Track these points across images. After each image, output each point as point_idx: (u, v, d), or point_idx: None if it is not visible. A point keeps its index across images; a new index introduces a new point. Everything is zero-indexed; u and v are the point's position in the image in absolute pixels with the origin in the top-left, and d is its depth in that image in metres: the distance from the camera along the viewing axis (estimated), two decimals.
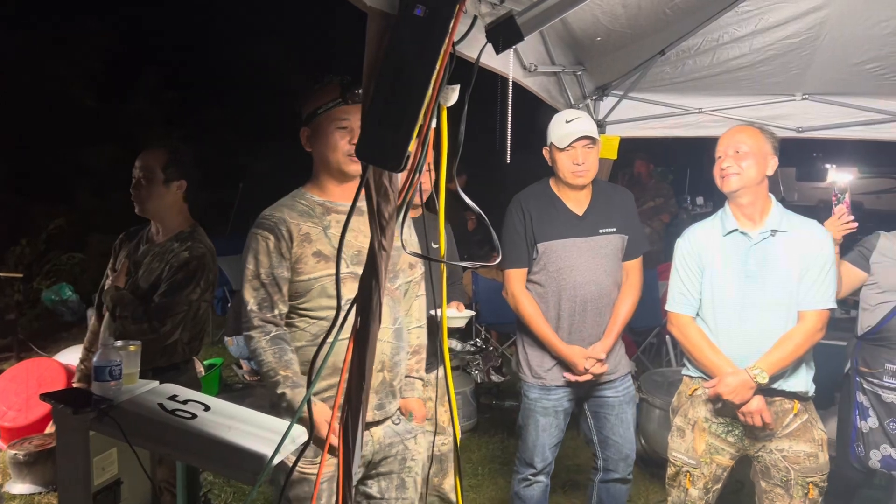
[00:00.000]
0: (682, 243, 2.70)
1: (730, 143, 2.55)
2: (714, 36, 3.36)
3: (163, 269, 2.72)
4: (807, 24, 3.17)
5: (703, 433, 2.60)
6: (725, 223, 2.60)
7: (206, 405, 1.81)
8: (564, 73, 3.40)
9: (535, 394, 2.93)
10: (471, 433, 4.69)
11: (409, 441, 2.26)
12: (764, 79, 3.69)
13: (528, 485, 3.00)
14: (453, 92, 1.47)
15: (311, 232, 2.10)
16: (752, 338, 2.51)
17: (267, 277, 2.07)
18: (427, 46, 1.32)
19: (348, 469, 1.55)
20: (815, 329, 2.49)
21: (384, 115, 1.35)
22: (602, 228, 2.87)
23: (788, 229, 2.53)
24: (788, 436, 2.54)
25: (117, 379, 1.80)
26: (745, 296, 2.52)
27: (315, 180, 2.21)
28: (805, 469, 2.52)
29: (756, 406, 2.46)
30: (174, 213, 2.82)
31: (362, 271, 1.53)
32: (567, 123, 2.79)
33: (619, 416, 2.96)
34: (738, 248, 2.56)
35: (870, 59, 3.37)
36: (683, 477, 2.63)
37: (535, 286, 2.89)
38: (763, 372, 2.43)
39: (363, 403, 1.55)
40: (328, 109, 2.10)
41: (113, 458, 1.81)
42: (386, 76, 1.34)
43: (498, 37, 1.42)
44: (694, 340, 2.60)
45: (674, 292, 2.68)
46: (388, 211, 1.47)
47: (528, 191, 2.96)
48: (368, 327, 1.51)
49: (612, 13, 2.67)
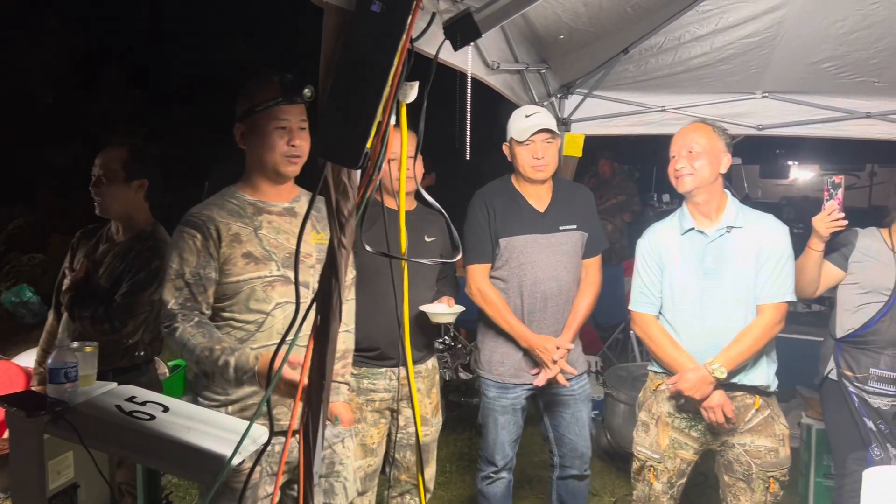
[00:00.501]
0: (642, 243, 2.73)
1: (683, 143, 2.57)
2: (676, 35, 3.40)
3: (124, 268, 2.67)
4: (765, 24, 3.23)
5: (666, 428, 2.64)
6: (683, 222, 2.63)
7: (164, 406, 1.79)
8: (528, 71, 3.41)
9: (493, 392, 2.94)
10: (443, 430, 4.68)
11: (337, 445, 2.23)
12: (725, 77, 3.75)
13: (491, 482, 3.01)
14: (412, 89, 1.46)
15: (242, 232, 2.03)
16: (712, 334, 2.54)
17: (192, 277, 1.98)
18: (384, 43, 1.31)
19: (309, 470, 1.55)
20: (773, 322, 2.52)
21: (342, 113, 1.34)
22: (563, 225, 2.89)
23: (744, 225, 2.56)
24: (750, 431, 2.58)
25: (73, 381, 1.77)
26: (705, 293, 2.56)
27: (247, 179, 2.13)
28: (766, 464, 2.56)
29: (717, 401, 2.49)
30: (135, 213, 2.77)
31: (322, 269, 1.51)
32: (527, 118, 2.80)
33: (575, 413, 2.98)
34: (695, 246, 2.59)
35: (826, 59, 3.44)
36: (647, 471, 2.65)
37: (497, 282, 2.90)
38: (721, 367, 2.46)
39: (324, 402, 1.54)
40: (267, 108, 2.02)
41: (69, 462, 1.78)
42: (343, 73, 1.33)
43: (456, 33, 1.42)
44: (655, 338, 2.63)
45: (635, 292, 2.71)
46: (347, 208, 1.46)
47: (490, 186, 2.96)
48: (329, 325, 1.50)
49: (573, 11, 2.69)
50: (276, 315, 2.05)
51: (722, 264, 2.54)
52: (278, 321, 2.05)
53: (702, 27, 3.31)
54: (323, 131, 1.35)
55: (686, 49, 3.50)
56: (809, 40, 3.31)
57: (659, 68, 3.73)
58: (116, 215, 2.77)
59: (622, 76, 3.87)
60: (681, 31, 3.37)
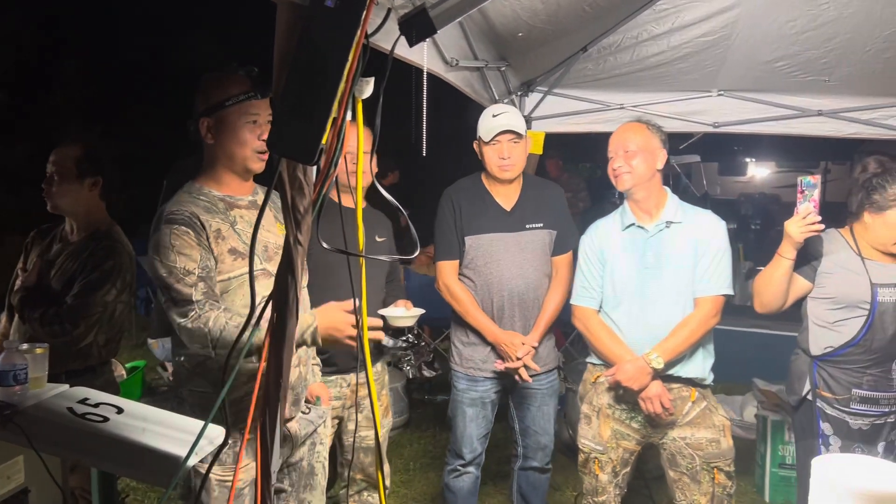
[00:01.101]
0: (585, 239, 2.77)
1: (619, 142, 2.61)
2: (633, 33, 3.45)
3: (77, 268, 2.61)
4: (720, 23, 3.29)
5: (607, 419, 2.67)
6: (624, 218, 2.68)
7: (118, 408, 1.75)
8: (488, 69, 3.42)
9: (463, 384, 2.96)
10: (402, 428, 4.68)
11: (321, 427, 2.24)
12: (681, 75, 3.81)
13: (458, 475, 3.02)
14: (368, 84, 1.45)
15: (221, 228, 1.99)
16: (652, 328, 2.59)
17: (202, 270, 1.91)
18: (339, 38, 1.30)
19: (267, 469, 1.53)
20: (709, 315, 2.57)
21: (296, 108, 1.32)
22: (529, 224, 2.90)
23: (683, 220, 2.62)
24: (689, 423, 2.62)
25: (22, 383, 1.72)
26: (645, 287, 2.60)
27: (212, 174, 2.07)
28: (709, 455, 2.60)
29: (655, 391, 2.53)
30: (89, 211, 2.71)
31: (278, 266, 1.50)
32: (493, 118, 2.82)
33: (541, 407, 3.01)
34: (636, 242, 2.64)
35: (779, 58, 3.52)
36: (593, 463, 2.69)
37: (465, 279, 2.91)
38: (659, 357, 2.51)
39: (282, 401, 1.52)
40: (238, 102, 1.98)
41: (19, 466, 1.73)
42: (297, 68, 1.32)
43: (411, 29, 1.41)
44: (595, 331, 2.68)
45: (577, 286, 2.75)
46: (303, 205, 1.45)
47: (458, 184, 2.98)
48: (285, 324, 1.49)
49: (531, 9, 2.71)
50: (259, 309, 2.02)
51: (662, 259, 2.59)
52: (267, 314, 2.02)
53: (659, 26, 3.36)
54: (277, 127, 1.33)
55: (644, 48, 3.55)
56: (762, 40, 3.39)
57: (617, 66, 3.77)
58: (68, 213, 2.71)
59: (581, 74, 3.91)
60: (638, 30, 3.41)
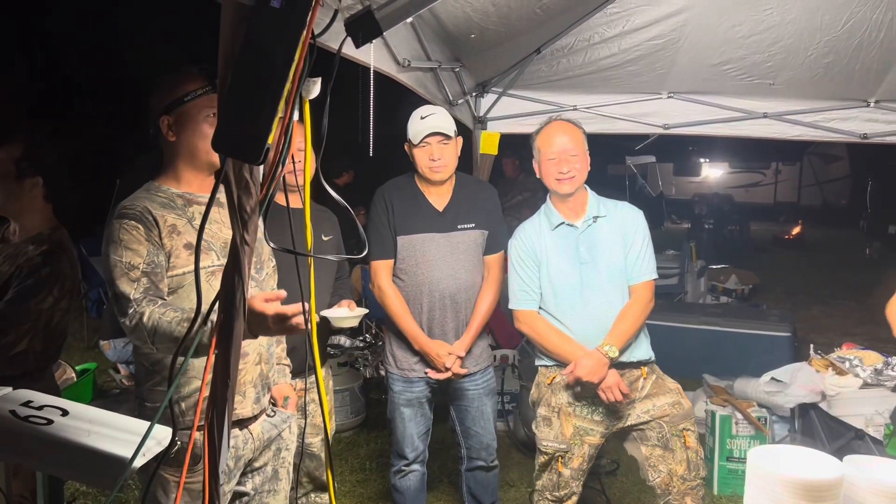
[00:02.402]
0: (515, 243, 2.81)
1: (559, 146, 2.65)
2: (585, 36, 3.51)
3: (14, 273, 2.52)
4: (669, 27, 3.37)
5: (569, 417, 2.71)
6: (551, 218, 2.74)
7: (63, 410, 1.71)
8: (441, 70, 3.44)
9: (398, 386, 2.96)
10: (359, 428, 4.67)
11: (285, 431, 2.23)
12: (632, 78, 3.89)
13: (403, 475, 3.02)
14: (315, 84, 1.46)
15: (177, 223, 1.98)
16: (596, 318, 2.65)
17: (147, 266, 1.90)
18: (284, 38, 1.31)
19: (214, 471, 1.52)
20: (647, 299, 2.69)
21: (241, 107, 1.32)
22: (461, 224, 2.90)
23: (607, 213, 2.72)
24: (648, 396, 2.69)
25: None
26: (584, 280, 2.67)
27: (171, 172, 2.07)
28: (675, 417, 2.66)
29: (612, 381, 2.59)
30: (31, 213, 2.62)
31: (224, 267, 1.49)
32: (421, 120, 2.80)
33: (480, 408, 3.02)
34: (567, 239, 2.71)
35: (726, 61, 3.62)
36: (555, 462, 2.72)
37: (398, 280, 2.91)
38: (613, 346, 2.58)
39: (229, 401, 1.52)
40: (197, 97, 1.99)
41: None
42: (242, 68, 1.32)
43: (357, 30, 1.42)
44: (542, 332, 2.72)
45: (515, 290, 2.78)
46: (249, 205, 1.45)
47: (391, 183, 2.97)
48: (232, 324, 1.48)
49: (483, 11, 2.74)
50: None
51: (594, 252, 2.68)
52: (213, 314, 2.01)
53: (610, 29, 3.43)
54: (222, 126, 1.33)
55: (595, 50, 3.62)
56: (710, 43, 3.48)
57: (570, 69, 3.84)
58: (10, 214, 2.62)
59: (535, 76, 3.96)
60: (590, 33, 3.48)
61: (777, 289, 9.46)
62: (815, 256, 13.47)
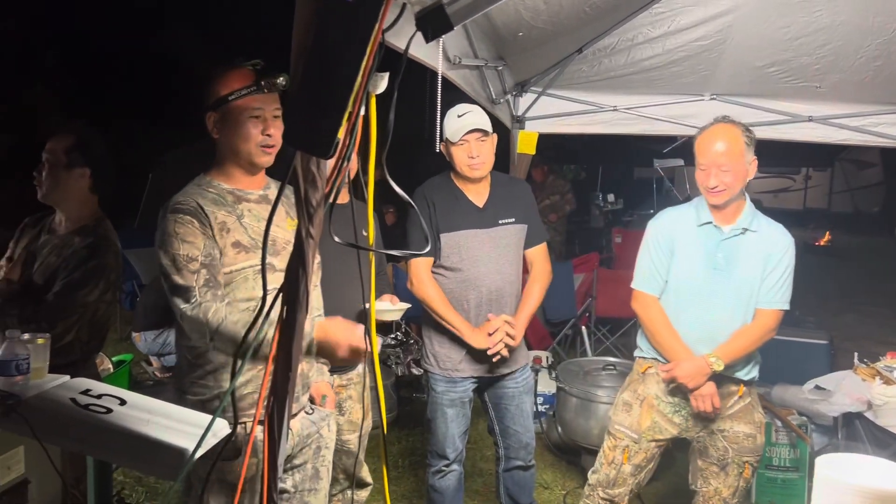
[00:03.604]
0: (655, 224, 2.74)
1: (711, 157, 2.52)
2: (629, 36, 3.48)
3: (60, 265, 2.53)
4: (715, 28, 3.33)
5: (650, 409, 2.68)
6: (700, 214, 2.65)
7: (121, 399, 1.74)
8: (486, 68, 3.44)
9: (441, 386, 2.96)
10: (391, 426, 4.68)
11: (323, 429, 2.23)
12: (675, 79, 3.85)
13: (443, 475, 3.02)
14: (382, 79, 1.46)
15: (227, 221, 1.99)
16: (711, 327, 2.59)
17: (205, 258, 1.91)
18: (356, 33, 1.31)
19: (274, 463, 1.53)
20: (770, 327, 2.59)
21: (313, 101, 1.33)
22: (502, 219, 2.91)
23: (758, 230, 2.61)
24: (731, 417, 2.65)
25: (24, 373, 1.70)
26: (711, 286, 2.60)
27: (220, 168, 2.08)
28: (743, 449, 2.63)
29: (708, 391, 2.55)
30: (78, 204, 2.64)
31: (288, 260, 1.50)
32: (459, 118, 2.81)
33: (519, 406, 3.02)
34: (709, 240, 2.62)
35: (771, 63, 3.57)
36: (621, 451, 2.69)
37: (441, 277, 2.91)
38: (720, 360, 2.53)
39: (290, 394, 1.53)
40: (241, 97, 1.97)
41: (20, 457, 1.72)
42: (315, 62, 1.32)
43: (427, 25, 1.42)
44: (655, 320, 2.67)
45: (642, 270, 2.72)
46: (315, 198, 1.45)
47: (429, 183, 2.98)
48: (295, 317, 1.49)
49: (534, 9, 2.72)
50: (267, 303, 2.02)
51: (732, 262, 2.58)
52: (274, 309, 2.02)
53: (655, 29, 3.39)
54: (292, 120, 1.33)
55: (639, 50, 3.59)
56: (757, 45, 3.43)
57: (612, 69, 3.80)
58: (58, 204, 2.65)
59: (576, 76, 3.93)
60: (634, 33, 3.44)
61: (808, 296, 9.28)
62: (847, 264, 13.26)
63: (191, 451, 1.53)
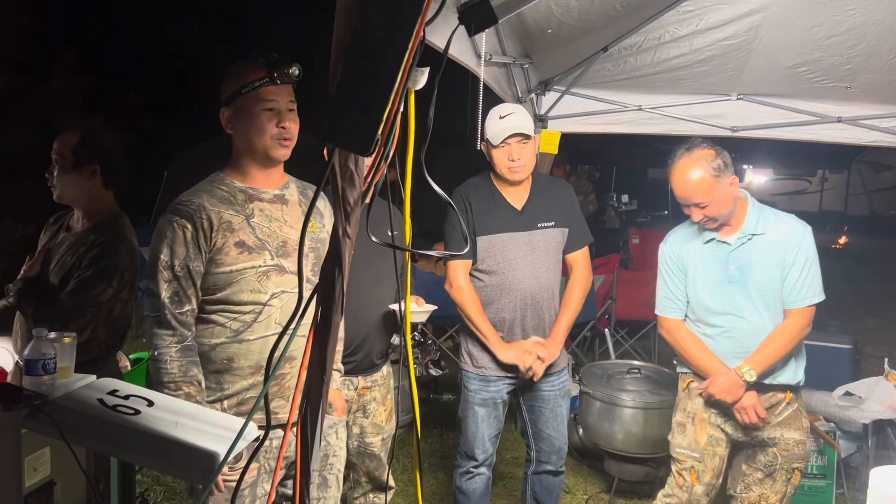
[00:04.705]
0: (665, 248, 2.72)
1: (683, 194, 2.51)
2: (656, 34, 3.42)
3: (74, 263, 2.50)
4: (744, 27, 3.27)
5: (703, 424, 2.64)
6: (704, 232, 2.62)
7: (149, 400, 1.71)
8: (514, 65, 3.39)
9: (474, 385, 2.92)
10: (409, 427, 4.64)
11: (331, 437, 2.19)
12: (701, 78, 3.79)
13: (471, 477, 2.98)
14: (422, 75, 1.43)
15: (233, 220, 1.97)
16: (740, 338, 2.55)
17: (181, 270, 1.94)
18: (398, 28, 1.27)
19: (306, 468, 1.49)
20: (801, 326, 2.54)
21: (353, 98, 1.29)
22: (541, 223, 2.87)
23: (766, 230, 2.55)
24: (780, 424, 2.61)
25: (51, 373, 1.67)
26: (730, 298, 2.56)
27: (236, 164, 2.05)
28: (793, 455, 2.59)
29: (749, 402, 2.51)
30: (93, 201, 2.61)
31: (324, 259, 1.46)
32: (501, 119, 2.75)
33: (554, 409, 2.98)
34: (718, 255, 2.59)
35: (801, 63, 3.50)
36: (689, 473, 2.65)
37: (477, 280, 2.87)
38: (751, 370, 2.48)
39: (323, 397, 1.49)
40: (254, 89, 1.95)
41: (46, 458, 1.69)
42: (355, 58, 1.28)
43: (471, 19, 1.38)
44: (684, 342, 2.65)
45: (661, 297, 2.72)
46: (353, 196, 1.41)
47: (468, 184, 2.94)
48: (330, 318, 1.45)
49: (565, 5, 2.68)
50: (273, 305, 1.99)
51: (746, 271, 2.54)
52: (276, 311, 1.99)
53: (682, 28, 3.33)
54: (332, 116, 1.30)
55: (665, 49, 3.53)
56: (786, 44, 3.37)
57: (637, 68, 3.75)
58: (72, 202, 2.63)
59: (600, 74, 3.88)
60: (661, 31, 3.39)
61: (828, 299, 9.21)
62: (865, 267, 13.11)
63: (222, 455, 1.50)
